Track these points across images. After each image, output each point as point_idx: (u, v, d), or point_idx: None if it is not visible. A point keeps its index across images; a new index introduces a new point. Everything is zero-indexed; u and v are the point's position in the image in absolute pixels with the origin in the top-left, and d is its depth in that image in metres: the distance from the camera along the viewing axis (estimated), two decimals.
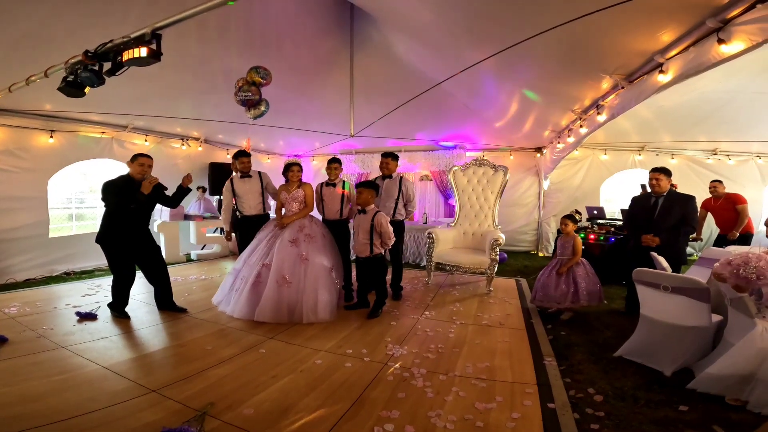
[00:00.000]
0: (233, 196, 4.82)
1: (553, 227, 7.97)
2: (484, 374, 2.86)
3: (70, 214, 8.35)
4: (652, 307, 3.05)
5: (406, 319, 4.09)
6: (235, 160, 4.82)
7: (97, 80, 2.97)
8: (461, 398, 2.52)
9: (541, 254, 8.03)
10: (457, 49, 4.48)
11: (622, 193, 8.35)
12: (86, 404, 2.34)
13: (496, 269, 5.09)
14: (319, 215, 4.78)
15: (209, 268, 6.63)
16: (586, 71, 4.20)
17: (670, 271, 3.47)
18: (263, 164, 9.37)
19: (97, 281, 5.46)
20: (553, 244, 7.46)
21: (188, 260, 7.33)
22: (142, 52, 2.63)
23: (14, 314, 3.96)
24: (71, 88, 3.06)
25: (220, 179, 7.84)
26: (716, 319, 2.85)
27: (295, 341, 3.42)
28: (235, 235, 5.06)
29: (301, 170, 4.50)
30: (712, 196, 5.87)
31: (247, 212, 4.86)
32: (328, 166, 4.63)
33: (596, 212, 6.62)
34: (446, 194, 8.80)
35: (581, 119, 5.35)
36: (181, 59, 4.54)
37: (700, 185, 7.18)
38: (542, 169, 7.94)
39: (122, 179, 3.89)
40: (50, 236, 5.93)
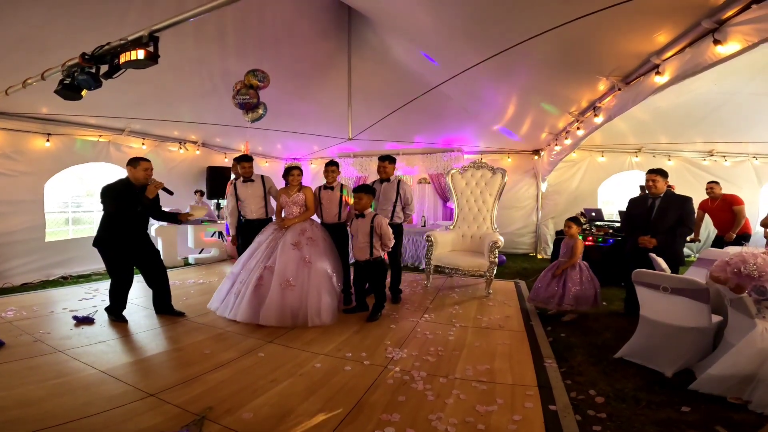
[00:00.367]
0: (237, 200, 4.84)
1: (551, 229, 7.97)
2: (484, 377, 2.85)
3: (66, 218, 8.30)
4: (651, 308, 3.05)
5: (405, 322, 4.08)
6: (236, 164, 4.83)
7: (94, 83, 2.94)
8: (462, 401, 2.50)
9: (539, 256, 8.03)
10: (454, 51, 4.49)
11: (619, 194, 8.38)
12: (84, 408, 2.31)
13: (495, 272, 5.09)
14: (317, 219, 4.77)
15: (207, 272, 6.60)
16: (582, 73, 4.22)
17: (669, 272, 3.48)
18: (261, 167, 9.36)
19: (94, 285, 5.42)
20: (551, 246, 7.47)
21: (186, 264, 7.29)
22: (139, 54, 2.62)
23: (11, 318, 3.93)
24: (68, 90, 3.03)
25: (217, 183, 7.85)
26: (716, 319, 2.85)
27: (293, 345, 3.40)
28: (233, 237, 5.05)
29: (301, 174, 4.49)
30: (709, 197, 5.89)
31: (249, 216, 4.86)
32: (325, 169, 4.62)
33: (594, 214, 6.63)
34: (445, 197, 8.80)
35: (578, 121, 5.37)
36: (178, 62, 4.54)
37: (696, 187, 7.20)
38: (540, 171, 7.96)
39: (122, 183, 3.86)
40: (47, 240, 5.90)
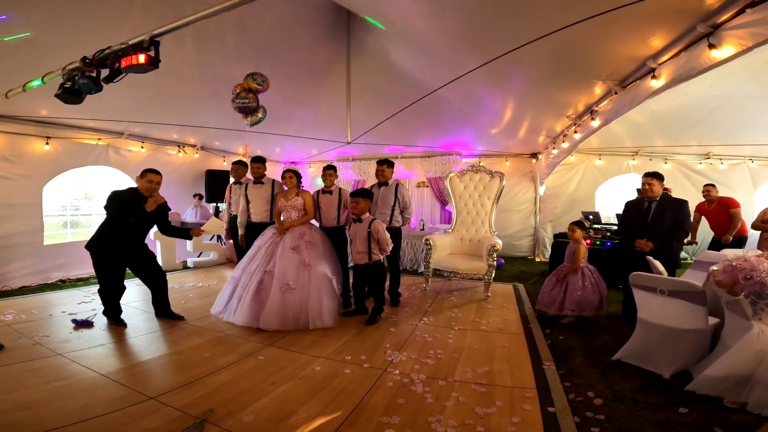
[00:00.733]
0: (247, 201, 4.94)
1: (549, 232, 8.00)
2: (483, 379, 2.86)
3: (64, 221, 8.30)
4: (649, 310, 3.07)
5: (404, 325, 4.09)
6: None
7: (94, 87, 2.96)
8: (461, 403, 2.51)
9: (538, 259, 8.05)
10: (452, 56, 4.52)
11: (617, 198, 8.42)
12: (84, 411, 2.31)
13: (493, 275, 5.10)
14: (315, 222, 4.79)
15: (206, 275, 6.59)
16: (579, 77, 4.25)
17: (666, 275, 3.50)
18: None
19: (92, 289, 5.39)
20: (549, 249, 7.49)
21: (185, 267, 7.29)
22: (140, 59, 2.64)
23: (10, 321, 3.93)
24: (68, 94, 3.05)
25: (216, 186, 7.87)
26: (713, 321, 2.87)
27: (293, 348, 3.41)
28: (232, 241, 5.07)
29: (294, 177, 4.45)
30: (705, 200, 5.93)
31: (253, 219, 4.91)
32: (323, 173, 4.64)
33: (592, 217, 6.66)
34: (443, 201, 8.82)
35: (575, 125, 5.41)
36: (177, 66, 4.55)
37: (692, 190, 7.27)
38: (538, 174, 7.99)
39: (129, 192, 3.89)
40: (45, 243, 5.90)
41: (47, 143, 5.74)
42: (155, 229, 6.32)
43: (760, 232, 5.46)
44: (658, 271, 3.55)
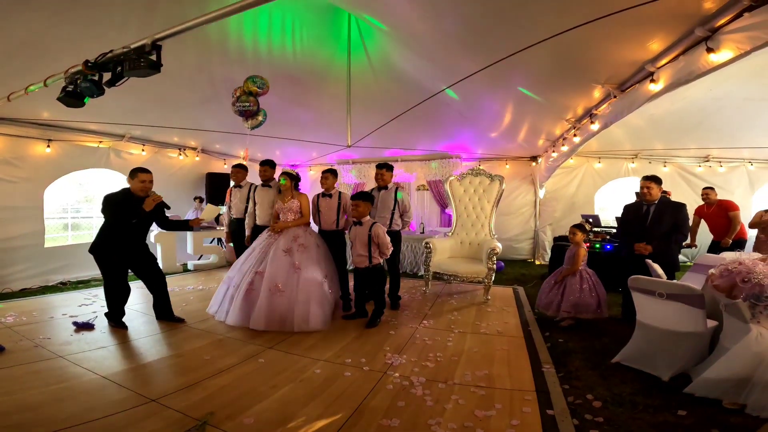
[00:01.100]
0: (254, 204, 5.01)
1: (549, 236, 8.01)
2: (483, 382, 2.87)
3: (65, 223, 8.31)
4: (648, 313, 3.08)
5: (404, 328, 4.09)
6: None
7: (96, 90, 2.99)
8: (461, 406, 2.52)
9: (538, 262, 8.06)
10: (452, 59, 4.55)
11: (616, 201, 8.43)
12: (85, 414, 2.32)
13: (493, 278, 5.11)
14: (315, 226, 4.81)
15: (206, 278, 6.60)
16: (578, 81, 4.28)
17: (665, 278, 3.51)
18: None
19: (93, 291, 5.41)
20: (549, 252, 7.50)
21: (185, 270, 7.30)
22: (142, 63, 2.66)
23: (11, 324, 3.93)
24: (71, 98, 3.08)
25: (217, 189, 7.89)
26: (712, 324, 2.88)
27: (294, 351, 3.41)
28: (233, 243, 5.10)
29: (290, 179, 4.45)
30: (704, 203, 5.95)
31: (258, 221, 4.98)
32: (322, 176, 4.66)
33: (591, 220, 6.67)
34: (443, 204, 8.84)
35: (575, 128, 5.43)
36: (178, 68, 4.57)
37: (691, 194, 7.29)
38: (538, 178, 8.01)
39: (122, 193, 3.87)
40: (46, 246, 5.91)
41: (48, 146, 5.76)
42: (155, 232, 6.34)
43: (756, 234, 5.47)
44: (657, 274, 3.56)
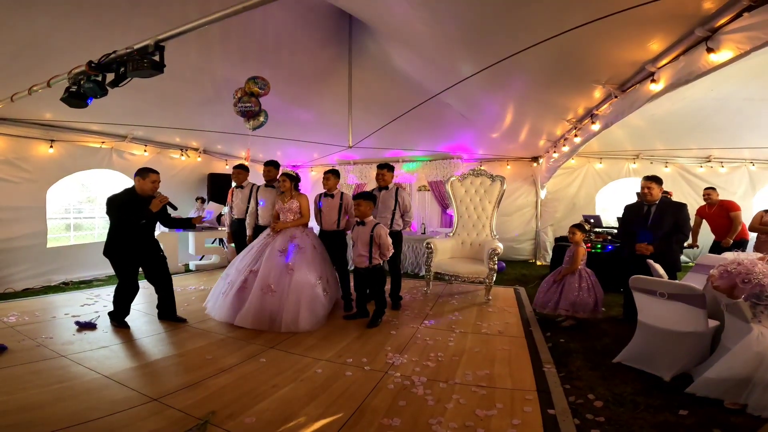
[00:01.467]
0: (256, 203, 5.05)
1: (550, 236, 8.00)
2: (484, 382, 2.87)
3: (67, 224, 8.33)
4: (649, 313, 3.08)
5: (405, 328, 4.10)
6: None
7: (100, 91, 2.99)
8: (462, 405, 2.52)
9: (539, 263, 8.05)
10: (452, 60, 4.55)
11: (617, 201, 8.42)
12: (87, 413, 2.33)
13: (494, 278, 5.11)
14: (317, 226, 4.81)
15: (208, 278, 6.60)
16: (578, 81, 4.27)
17: (666, 278, 3.51)
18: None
19: (95, 291, 5.44)
20: (550, 252, 7.50)
21: (187, 270, 7.31)
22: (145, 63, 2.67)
23: (13, 323, 3.95)
24: (74, 98, 3.09)
25: (219, 190, 7.91)
26: (713, 324, 2.88)
27: (295, 351, 3.42)
28: (234, 243, 5.12)
29: (288, 180, 4.48)
30: (706, 203, 5.94)
31: (260, 221, 5.01)
32: (324, 176, 4.67)
33: (593, 221, 6.67)
34: (444, 204, 8.85)
35: (576, 128, 5.43)
36: (180, 69, 4.59)
37: (693, 194, 7.29)
38: (539, 178, 8.01)
39: (126, 194, 3.87)
40: (48, 246, 5.92)
41: (51, 146, 5.78)
42: (158, 231, 6.36)
43: (757, 234, 5.47)
44: (658, 274, 3.56)
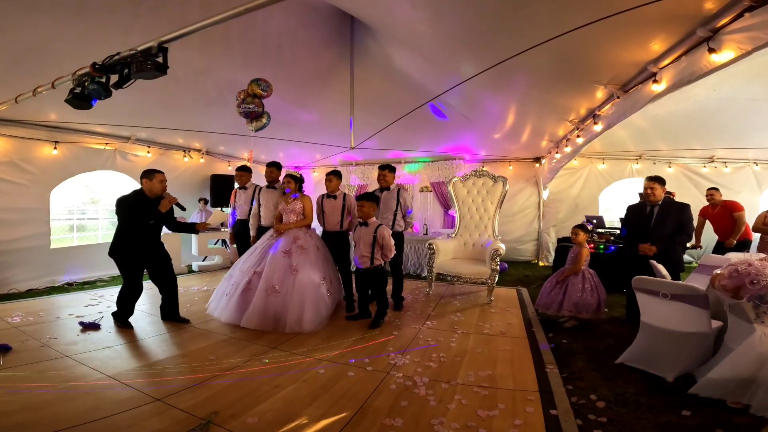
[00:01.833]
0: (258, 205, 5.06)
1: (552, 237, 7.99)
2: (486, 382, 2.87)
3: (71, 225, 8.37)
4: (652, 314, 3.07)
5: (407, 329, 4.10)
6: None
7: (104, 92, 3.01)
8: (464, 406, 2.52)
9: (541, 264, 8.03)
10: (454, 61, 4.56)
11: (620, 202, 8.40)
12: (90, 413, 2.34)
13: (496, 279, 5.11)
14: (320, 227, 4.82)
15: (211, 279, 6.63)
16: (580, 82, 4.27)
17: (669, 278, 3.50)
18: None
19: (99, 292, 5.46)
20: (553, 253, 7.48)
21: (190, 271, 7.34)
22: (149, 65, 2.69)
23: (17, 323, 3.98)
24: (78, 100, 3.10)
25: (221, 191, 7.93)
26: (716, 324, 2.87)
27: (297, 351, 3.43)
28: (237, 244, 5.14)
29: (292, 181, 4.51)
30: (709, 204, 5.92)
31: (263, 222, 5.02)
32: (327, 178, 4.68)
33: (595, 221, 6.65)
34: (446, 205, 8.84)
35: (578, 129, 5.42)
36: (183, 71, 4.61)
37: (696, 195, 7.25)
38: (541, 179, 7.99)
39: (135, 195, 3.91)
40: (52, 247, 5.96)
41: (55, 148, 5.81)
42: (162, 232, 6.39)
43: (760, 235, 5.44)
44: (661, 275, 3.55)
